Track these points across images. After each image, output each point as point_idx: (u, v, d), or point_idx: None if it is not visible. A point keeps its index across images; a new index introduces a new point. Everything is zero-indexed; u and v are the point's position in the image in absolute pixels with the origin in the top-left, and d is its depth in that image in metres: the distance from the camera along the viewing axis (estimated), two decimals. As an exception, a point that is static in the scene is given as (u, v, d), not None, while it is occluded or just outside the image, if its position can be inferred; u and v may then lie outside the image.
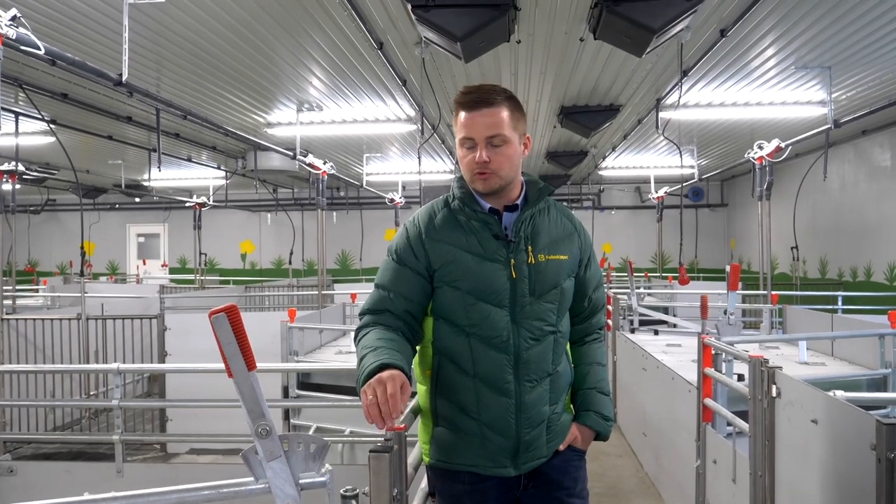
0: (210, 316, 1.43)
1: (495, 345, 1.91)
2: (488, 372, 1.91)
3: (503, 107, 1.92)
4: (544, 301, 1.95)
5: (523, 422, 1.92)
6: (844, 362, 5.07)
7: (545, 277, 1.95)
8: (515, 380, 1.91)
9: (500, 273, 1.92)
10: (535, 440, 1.94)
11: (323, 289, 8.44)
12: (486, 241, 1.94)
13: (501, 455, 1.92)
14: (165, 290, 11.96)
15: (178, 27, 5.27)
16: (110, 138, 9.43)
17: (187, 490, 1.45)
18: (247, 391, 1.45)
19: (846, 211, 10.99)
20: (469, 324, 1.92)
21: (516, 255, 1.94)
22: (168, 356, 6.08)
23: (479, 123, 1.90)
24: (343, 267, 17.13)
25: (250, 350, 1.46)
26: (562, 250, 2.01)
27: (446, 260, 1.94)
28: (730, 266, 4.35)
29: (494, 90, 1.93)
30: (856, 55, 6.11)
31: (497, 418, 1.91)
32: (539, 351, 1.94)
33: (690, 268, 15.58)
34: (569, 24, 5.36)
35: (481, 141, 1.90)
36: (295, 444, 1.45)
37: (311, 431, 4.77)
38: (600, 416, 2.08)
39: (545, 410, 1.95)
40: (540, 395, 1.94)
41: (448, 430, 1.96)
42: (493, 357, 1.91)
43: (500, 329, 1.91)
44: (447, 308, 1.94)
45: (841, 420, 2.19)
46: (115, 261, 18.10)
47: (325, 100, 7.68)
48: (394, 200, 12.50)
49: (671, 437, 4.60)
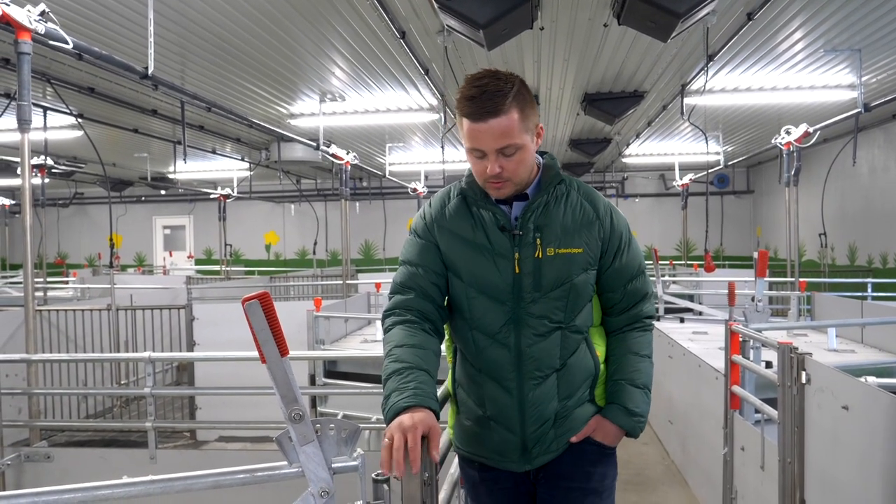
0: (243, 303, 1.45)
1: (497, 339, 1.84)
2: (491, 367, 1.86)
3: (512, 111, 1.73)
4: (551, 297, 1.83)
5: (528, 418, 1.85)
6: (874, 349, 5.00)
7: (553, 272, 1.83)
8: (518, 376, 1.84)
9: (504, 267, 1.82)
10: (543, 436, 1.87)
11: (347, 278, 8.48)
12: (492, 232, 1.84)
13: (509, 450, 1.88)
14: (192, 280, 12.12)
15: (201, 19, 5.31)
16: (136, 131, 9.55)
17: (223, 473, 1.47)
18: (280, 377, 1.47)
19: (876, 196, 10.79)
20: (472, 317, 1.86)
21: (522, 249, 1.82)
22: (196, 345, 6.16)
23: (487, 135, 1.73)
24: (366, 257, 17.20)
25: (283, 336, 1.48)
26: (575, 243, 1.85)
27: (450, 249, 1.88)
28: (758, 252, 4.31)
29: (501, 91, 1.72)
30: (887, 37, 5.99)
31: (502, 413, 1.86)
32: (543, 347, 1.84)
33: (716, 255, 15.43)
34: (592, 10, 5.31)
35: (492, 153, 1.75)
36: (327, 429, 1.47)
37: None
38: (624, 409, 1.90)
39: (553, 406, 1.86)
40: (546, 392, 1.85)
41: (465, 419, 1.95)
42: (494, 352, 1.85)
43: (500, 325, 1.83)
44: (454, 299, 1.91)
45: (873, 406, 2.16)
46: (142, 252, 18.35)
47: (347, 90, 7.69)
48: (416, 190, 12.51)
49: (698, 425, 4.58)
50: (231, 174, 13.99)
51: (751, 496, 3.46)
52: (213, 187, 14.47)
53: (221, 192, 13.55)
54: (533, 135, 1.81)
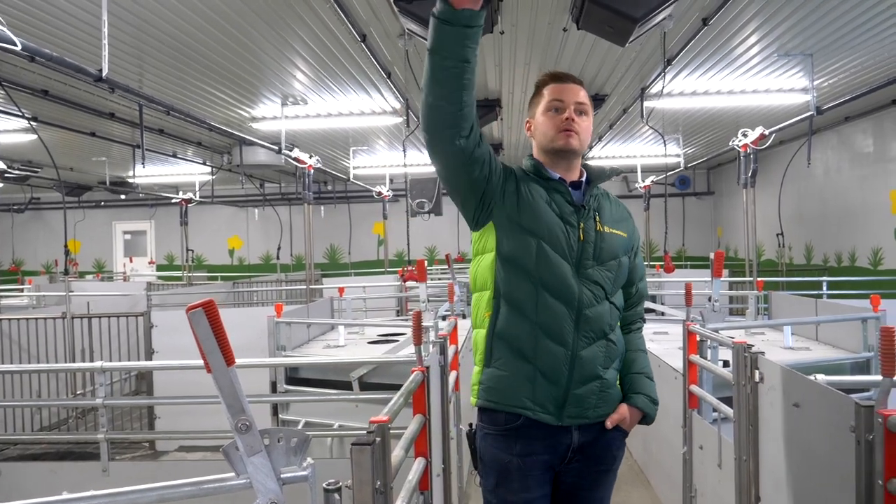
0: (187, 312, 1.42)
1: (561, 296, 2.02)
2: (550, 322, 2.02)
3: (584, 90, 2.20)
4: (605, 269, 2.09)
5: (576, 374, 2.03)
6: (829, 346, 5.10)
7: (609, 246, 2.11)
8: (575, 332, 2.03)
9: (572, 233, 2.07)
10: (584, 398, 2.05)
11: (311, 283, 8.42)
12: (561, 203, 2.10)
13: (548, 401, 2.03)
14: (152, 287, 11.90)
15: (159, 22, 5.23)
16: (93, 135, 9.36)
17: (168, 487, 1.44)
18: (226, 387, 1.45)
19: (830, 197, 11.06)
20: (538, 271, 2.02)
21: (586, 222, 2.10)
22: (155, 353, 6.05)
23: (570, 91, 2.15)
24: (332, 261, 17.10)
25: (228, 345, 1.45)
26: (622, 228, 2.19)
27: (530, 205, 2.07)
28: (714, 254, 4.38)
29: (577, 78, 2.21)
30: (837, 42, 6.14)
31: (551, 366, 2.02)
32: (598, 311, 2.06)
33: (678, 256, 15.67)
34: (551, 15, 5.35)
35: (570, 104, 2.12)
36: (276, 439, 1.45)
37: (299, 426, 4.76)
38: (649, 398, 2.21)
39: (598, 370, 2.07)
40: (595, 354, 2.06)
41: (500, 372, 2.06)
42: (557, 307, 2.02)
43: (568, 282, 2.03)
44: (521, 254, 2.04)
45: (821, 403, 2.20)
46: (101, 259, 17.99)
47: (309, 93, 7.64)
48: (381, 194, 12.47)
49: (659, 425, 4.61)
50: (193, 178, 13.80)
51: (709, 494, 3.51)
52: (175, 191, 14.26)
53: (183, 197, 13.34)
54: (591, 122, 2.20)
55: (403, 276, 8.03)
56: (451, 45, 1.79)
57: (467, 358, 5.35)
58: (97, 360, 6.11)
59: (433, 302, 7.05)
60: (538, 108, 2.21)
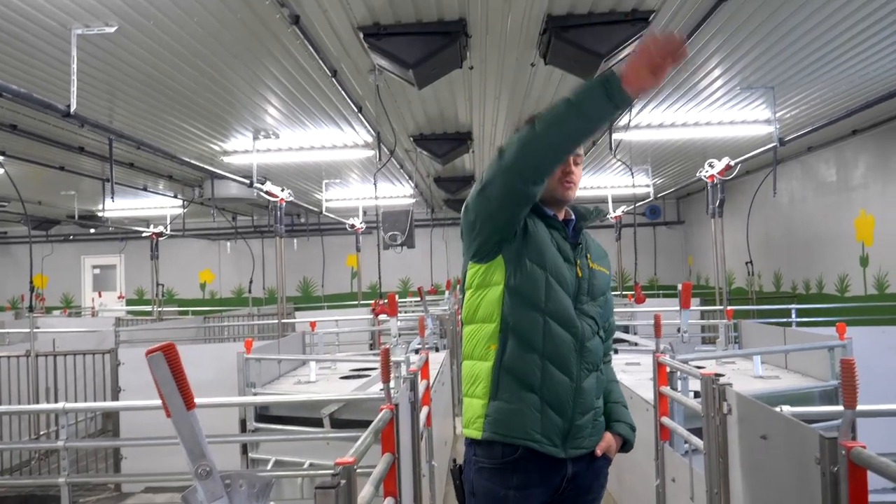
0: (147, 355, 1.41)
1: (567, 327, 2.11)
2: (556, 352, 2.09)
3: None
4: (596, 304, 2.22)
5: (578, 405, 2.11)
6: (798, 374, 5.15)
7: (599, 283, 2.25)
8: (578, 363, 2.11)
9: (571, 269, 2.17)
10: (583, 427, 2.13)
11: (283, 317, 8.34)
12: (560, 240, 2.20)
13: (555, 434, 2.08)
14: (121, 322, 11.71)
15: (129, 58, 5.22)
16: (63, 169, 9.26)
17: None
18: (186, 431, 1.43)
19: (797, 225, 11.27)
20: (547, 303, 2.09)
21: (581, 259, 2.21)
22: (122, 391, 5.92)
23: None
24: (305, 294, 16.97)
25: (189, 388, 1.43)
26: (604, 265, 2.33)
27: (538, 241, 2.14)
28: (681, 285, 4.42)
29: None
30: (797, 75, 6.31)
31: (557, 397, 2.08)
32: (596, 344, 2.19)
33: (650, 285, 15.79)
34: (519, 50, 5.44)
35: (570, 157, 2.17)
36: (237, 484, 1.43)
37: (269, 465, 4.68)
38: (629, 426, 2.30)
39: (594, 400, 2.17)
40: (592, 384, 2.16)
41: (509, 405, 2.08)
42: (563, 337, 2.10)
43: (571, 313, 2.12)
44: (529, 286, 2.10)
45: (787, 435, 2.22)
46: (69, 294, 17.69)
47: (281, 127, 7.65)
48: (354, 226, 12.45)
49: (632, 456, 4.61)
50: (164, 211, 13.68)
51: (682, 527, 3.50)
52: (146, 225, 14.11)
53: (154, 230, 13.20)
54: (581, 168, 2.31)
55: (375, 309, 7.98)
56: (604, 118, 1.89)
57: (440, 392, 5.31)
58: (62, 400, 5.99)
59: (405, 335, 7.01)
60: None
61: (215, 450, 4.25)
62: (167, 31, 4.70)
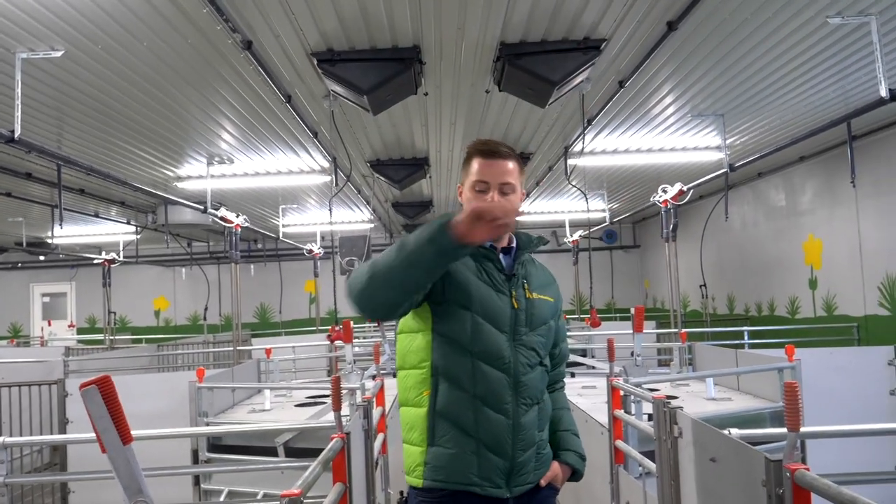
0: (80, 389, 1.37)
1: (497, 365, 2.05)
2: (488, 391, 2.04)
3: (513, 160, 2.15)
4: (537, 334, 2.15)
5: (518, 442, 2.05)
6: (750, 396, 5.24)
7: (539, 312, 2.17)
8: (514, 400, 2.06)
9: (505, 301, 2.11)
10: (526, 462, 2.08)
11: (238, 344, 8.20)
12: (492, 272, 2.13)
13: (496, 475, 2.03)
14: (72, 351, 11.39)
15: (78, 83, 5.12)
16: (9, 195, 9.01)
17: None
18: (122, 467, 1.39)
19: (749, 249, 11.53)
20: (474, 344, 2.04)
21: (516, 289, 2.14)
22: (70, 423, 5.74)
23: (494, 170, 2.11)
24: (262, 320, 16.74)
25: (125, 423, 1.40)
26: (548, 293, 2.24)
27: (461, 281, 2.07)
28: (634, 309, 4.47)
29: (506, 146, 2.17)
30: (745, 103, 6.49)
31: (494, 438, 2.03)
32: (533, 377, 2.11)
33: (608, 308, 15.96)
34: (474, 77, 5.49)
35: (495, 186, 2.10)
36: (174, 521, 1.39)
37: (222, 496, 4.57)
38: (578, 455, 2.28)
39: (536, 434, 2.11)
40: (532, 419, 2.10)
41: (445, 450, 2.04)
42: (494, 377, 2.04)
43: (502, 351, 2.06)
44: (454, 328, 2.06)
45: (734, 458, 2.24)
46: (17, 323, 17.15)
47: (235, 153, 7.58)
48: (312, 251, 12.36)
49: (588, 480, 4.60)
50: (117, 238, 13.40)
51: (638, 551, 3.50)
52: (98, 252, 13.79)
53: (106, 257, 12.90)
54: (521, 193, 2.19)
55: (331, 336, 7.91)
56: (435, 266, 1.86)
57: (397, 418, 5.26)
58: (5, 433, 5.77)
59: (362, 362, 6.94)
60: (466, 182, 2.17)
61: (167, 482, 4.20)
62: (116, 56, 4.63)
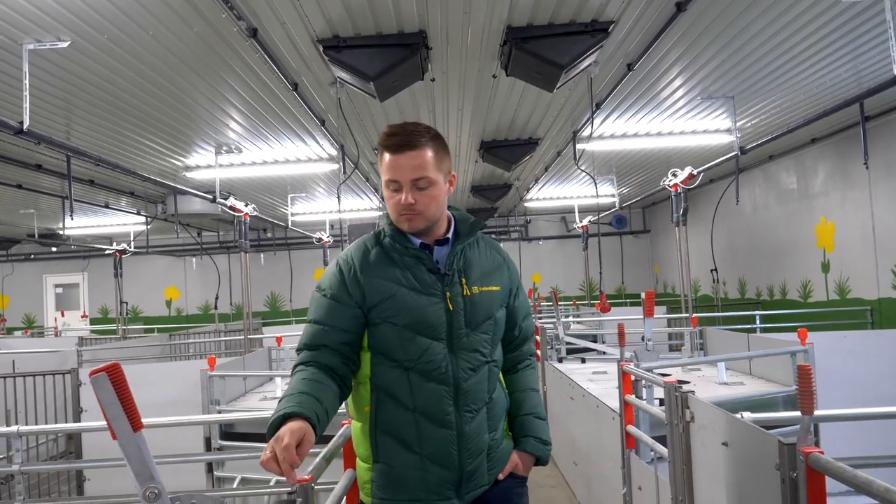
0: (90, 376, 1.37)
1: (434, 377, 1.92)
2: (428, 405, 1.92)
3: (427, 148, 1.94)
4: (480, 332, 1.99)
5: (465, 452, 1.94)
6: (762, 380, 5.22)
7: (480, 309, 2.00)
8: (456, 411, 1.93)
9: (437, 306, 1.94)
10: (477, 469, 1.97)
11: (249, 333, 8.23)
12: (421, 275, 1.97)
13: (444, 487, 1.93)
14: (85, 342, 11.47)
15: (85, 73, 5.12)
16: (20, 187, 9.06)
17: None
18: (133, 453, 1.39)
19: (760, 232, 11.46)
20: (407, 358, 1.92)
21: (451, 288, 1.97)
22: (84, 412, 5.78)
23: (404, 166, 1.92)
24: (273, 309, 16.80)
25: (135, 410, 1.40)
26: (493, 282, 2.06)
27: (384, 296, 1.94)
28: (645, 293, 4.45)
29: (418, 130, 1.95)
30: (756, 85, 6.42)
31: (439, 451, 1.92)
32: (476, 381, 1.97)
33: (618, 294, 15.94)
34: (481, 62, 5.45)
35: (406, 183, 1.92)
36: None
37: (235, 483, 4.60)
38: (539, 440, 2.12)
39: (485, 439, 1.99)
40: (479, 424, 1.97)
41: (389, 467, 1.95)
42: (432, 389, 1.92)
43: (438, 361, 1.93)
44: (385, 344, 1.95)
45: (747, 441, 2.23)
46: (31, 314, 17.29)
47: (243, 142, 7.58)
48: (321, 240, 12.38)
49: (599, 466, 4.63)
50: (127, 228, 13.46)
51: (650, 535, 3.50)
52: (109, 242, 13.87)
53: (117, 248, 12.98)
54: (445, 179, 2.02)
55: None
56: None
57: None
58: (21, 422, 5.83)
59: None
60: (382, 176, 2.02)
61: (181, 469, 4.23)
62: (122, 46, 4.62)
